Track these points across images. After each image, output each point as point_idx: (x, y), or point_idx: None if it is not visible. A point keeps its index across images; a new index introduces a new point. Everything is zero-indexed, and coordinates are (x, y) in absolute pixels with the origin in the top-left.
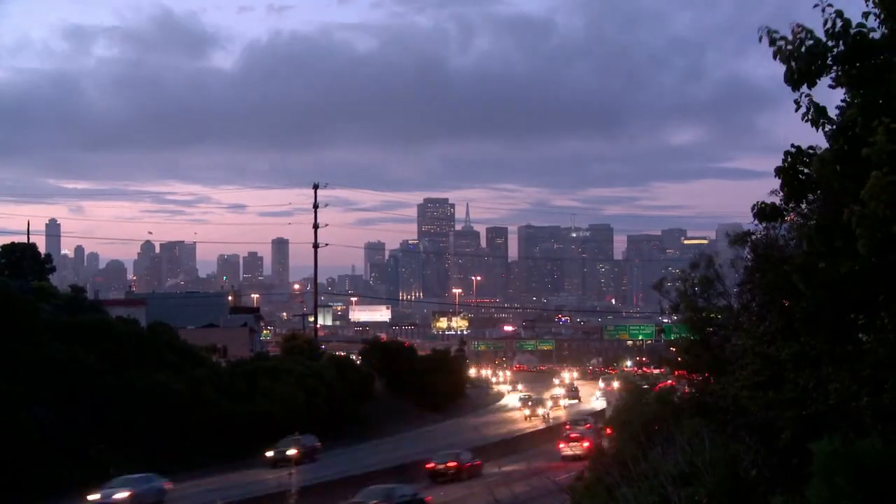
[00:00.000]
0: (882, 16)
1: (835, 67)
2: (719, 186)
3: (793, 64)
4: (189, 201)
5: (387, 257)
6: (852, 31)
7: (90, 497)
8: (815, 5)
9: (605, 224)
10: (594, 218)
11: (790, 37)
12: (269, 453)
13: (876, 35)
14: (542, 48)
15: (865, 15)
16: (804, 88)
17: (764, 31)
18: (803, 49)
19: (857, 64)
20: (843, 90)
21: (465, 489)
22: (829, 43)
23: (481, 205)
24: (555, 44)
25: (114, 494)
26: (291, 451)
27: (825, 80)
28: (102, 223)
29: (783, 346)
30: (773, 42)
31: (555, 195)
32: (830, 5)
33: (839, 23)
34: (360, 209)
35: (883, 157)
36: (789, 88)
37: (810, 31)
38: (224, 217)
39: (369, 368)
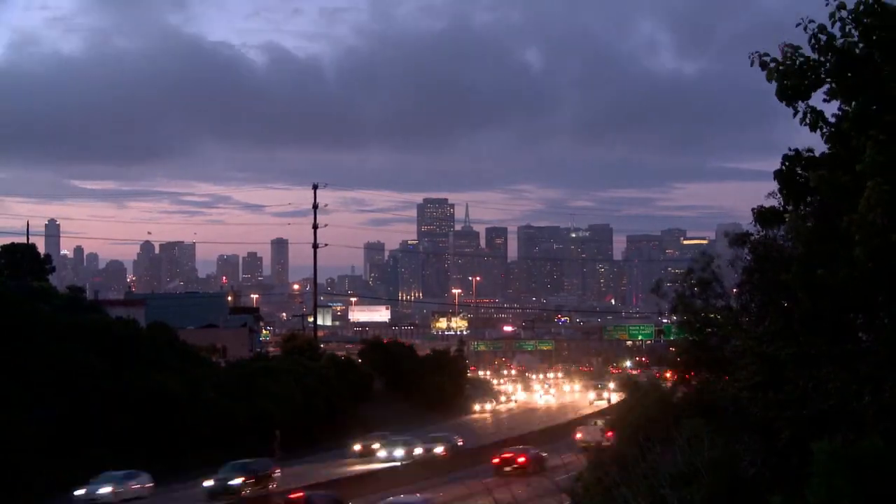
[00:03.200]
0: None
1: (828, 81)
2: (738, 187)
3: (786, 82)
4: (207, 202)
5: (386, 257)
6: (837, 44)
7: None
8: (798, 24)
9: (604, 224)
10: (599, 218)
11: (780, 58)
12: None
13: (858, 47)
14: None
15: (831, 16)
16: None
17: (756, 57)
18: (796, 67)
19: (848, 75)
20: (839, 101)
21: None
22: (821, 58)
23: (493, 206)
24: None
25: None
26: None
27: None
28: (108, 224)
29: (782, 347)
30: (764, 66)
31: (570, 196)
32: (812, 21)
33: (822, 38)
34: (371, 210)
35: (875, 168)
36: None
37: (798, 48)
38: (240, 217)
39: (369, 369)
